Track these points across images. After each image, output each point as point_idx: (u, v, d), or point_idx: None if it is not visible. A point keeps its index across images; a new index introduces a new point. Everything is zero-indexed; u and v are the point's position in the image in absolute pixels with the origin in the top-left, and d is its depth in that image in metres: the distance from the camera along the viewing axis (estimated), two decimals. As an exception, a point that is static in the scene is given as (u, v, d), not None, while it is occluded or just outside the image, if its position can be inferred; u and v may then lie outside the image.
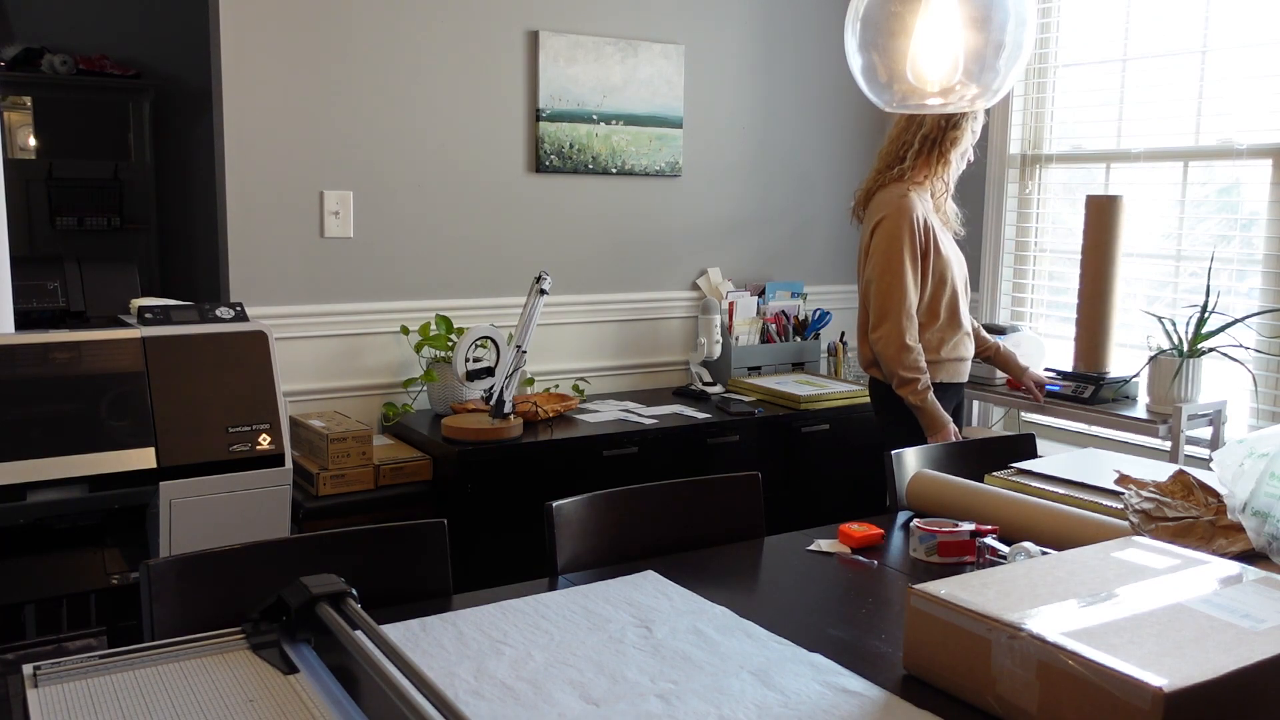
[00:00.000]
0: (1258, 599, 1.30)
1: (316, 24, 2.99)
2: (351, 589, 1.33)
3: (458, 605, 1.55)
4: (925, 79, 1.73)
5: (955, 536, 1.80)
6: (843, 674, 1.34)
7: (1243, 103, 3.03)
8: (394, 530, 1.67)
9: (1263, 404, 2.99)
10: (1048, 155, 3.57)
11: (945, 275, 2.75)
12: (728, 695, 1.27)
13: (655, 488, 1.98)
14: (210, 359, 2.26)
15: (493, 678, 1.31)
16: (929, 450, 2.29)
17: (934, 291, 2.75)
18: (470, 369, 2.80)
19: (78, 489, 2.10)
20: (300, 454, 2.82)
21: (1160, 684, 1.07)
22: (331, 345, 3.11)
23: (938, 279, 2.75)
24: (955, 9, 1.68)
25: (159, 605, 1.47)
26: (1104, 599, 1.30)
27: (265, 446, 2.28)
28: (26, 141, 4.89)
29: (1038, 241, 3.63)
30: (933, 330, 2.76)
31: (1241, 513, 1.66)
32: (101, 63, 4.94)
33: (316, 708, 1.17)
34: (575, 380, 3.51)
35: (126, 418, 2.15)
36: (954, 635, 1.28)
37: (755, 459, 3.14)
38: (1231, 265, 3.08)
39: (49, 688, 1.21)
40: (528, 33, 3.32)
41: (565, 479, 2.84)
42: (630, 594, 1.60)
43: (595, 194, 3.52)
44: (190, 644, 1.33)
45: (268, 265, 2.99)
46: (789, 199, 3.93)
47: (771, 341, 3.73)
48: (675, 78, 3.59)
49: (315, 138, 3.02)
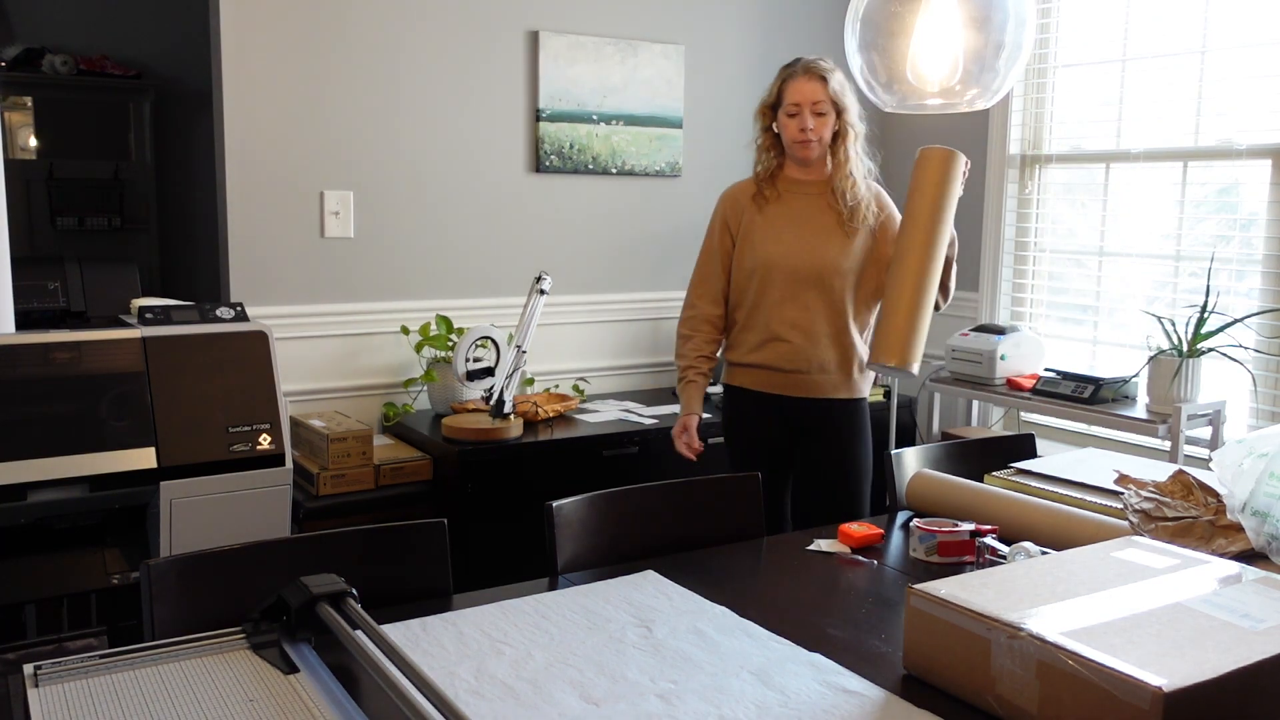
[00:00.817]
0: (1257, 599, 1.30)
1: (316, 24, 2.99)
2: (351, 589, 1.33)
3: (458, 605, 1.55)
4: (925, 79, 1.73)
5: (955, 536, 1.80)
6: (843, 674, 1.34)
7: (1242, 103, 3.03)
8: (394, 530, 1.67)
9: (1262, 404, 2.99)
10: (1047, 155, 3.57)
11: (753, 271, 2.50)
12: (728, 695, 1.27)
13: (655, 488, 1.98)
14: (210, 359, 2.26)
15: (493, 678, 1.31)
16: (929, 450, 2.30)
17: (739, 285, 2.55)
18: (470, 369, 2.80)
19: (78, 489, 2.10)
20: (300, 454, 2.82)
21: (1160, 684, 1.07)
22: (332, 345, 3.11)
23: (743, 273, 2.53)
24: (955, 9, 1.68)
25: (159, 605, 1.47)
26: (1104, 599, 1.30)
27: (265, 446, 2.28)
28: (27, 141, 4.89)
29: (1038, 241, 3.63)
30: (735, 331, 2.59)
31: (1241, 513, 1.66)
32: (102, 63, 4.94)
33: (316, 707, 1.17)
34: (575, 380, 3.51)
35: (127, 418, 2.15)
36: (954, 635, 1.28)
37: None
38: (1231, 265, 3.08)
39: (49, 687, 1.21)
40: (528, 33, 3.32)
41: (565, 479, 2.84)
42: (630, 594, 1.60)
43: (595, 194, 3.52)
44: (190, 644, 1.33)
45: (268, 265, 2.99)
46: (789, 199, 3.93)
47: (771, 341, 3.72)
48: (675, 78, 3.59)
49: (315, 138, 3.02)
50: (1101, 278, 3.43)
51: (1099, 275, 3.44)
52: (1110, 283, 3.41)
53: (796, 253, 2.48)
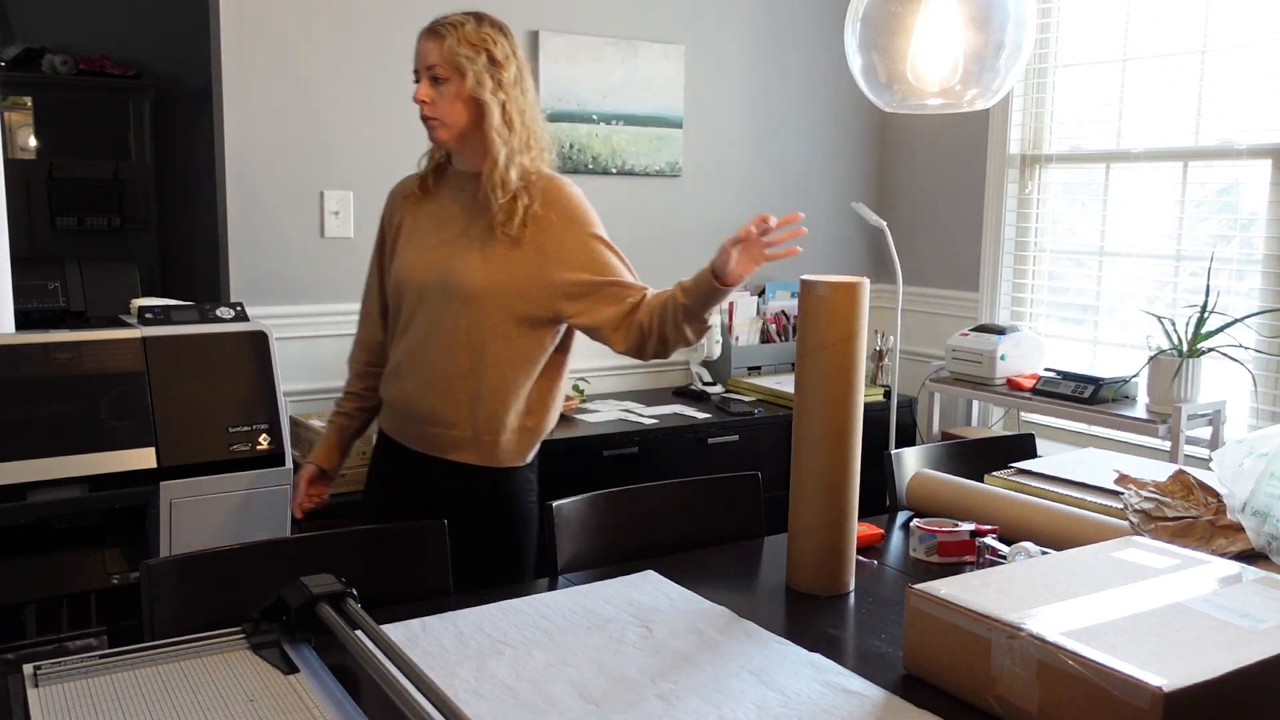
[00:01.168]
0: (1257, 599, 1.30)
1: (316, 24, 2.99)
2: (351, 589, 1.33)
3: (458, 605, 1.55)
4: (925, 79, 1.73)
5: (955, 536, 1.80)
6: (843, 674, 1.34)
7: (1242, 103, 3.03)
8: (394, 530, 1.67)
9: (1262, 404, 2.99)
10: (1048, 155, 3.57)
11: (394, 282, 2.01)
12: (728, 695, 1.27)
13: (655, 488, 1.98)
14: (210, 359, 2.26)
15: (493, 677, 1.31)
16: (929, 450, 2.30)
17: (393, 303, 2.04)
18: (470, 369, 2.80)
19: (78, 489, 2.10)
20: (300, 454, 2.82)
21: (1160, 684, 1.07)
22: (331, 345, 3.10)
23: (389, 285, 2.05)
24: (955, 9, 1.68)
25: (159, 605, 1.47)
26: (1104, 599, 1.30)
27: (265, 446, 2.28)
28: (27, 141, 4.89)
29: (1037, 241, 3.63)
30: None
31: (1241, 512, 1.66)
32: (101, 63, 4.94)
33: (316, 708, 1.17)
34: (575, 380, 3.51)
35: (127, 418, 2.15)
36: (954, 635, 1.28)
37: (755, 459, 3.14)
38: (1231, 265, 3.08)
39: (49, 687, 1.21)
40: (528, 33, 3.32)
41: (565, 479, 2.83)
42: (630, 594, 1.60)
43: (595, 194, 3.49)
44: (190, 644, 1.33)
45: (268, 265, 2.99)
46: (789, 199, 3.93)
47: (771, 341, 3.73)
48: (675, 78, 3.59)
49: (315, 138, 3.02)
50: (1101, 278, 3.43)
51: (1099, 275, 3.44)
52: (1110, 283, 3.41)
53: (426, 263, 1.94)
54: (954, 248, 3.84)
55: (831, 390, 1.59)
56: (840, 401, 1.60)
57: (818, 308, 1.59)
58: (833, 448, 1.60)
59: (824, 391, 1.60)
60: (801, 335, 1.63)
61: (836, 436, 1.60)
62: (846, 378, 1.59)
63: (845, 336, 1.58)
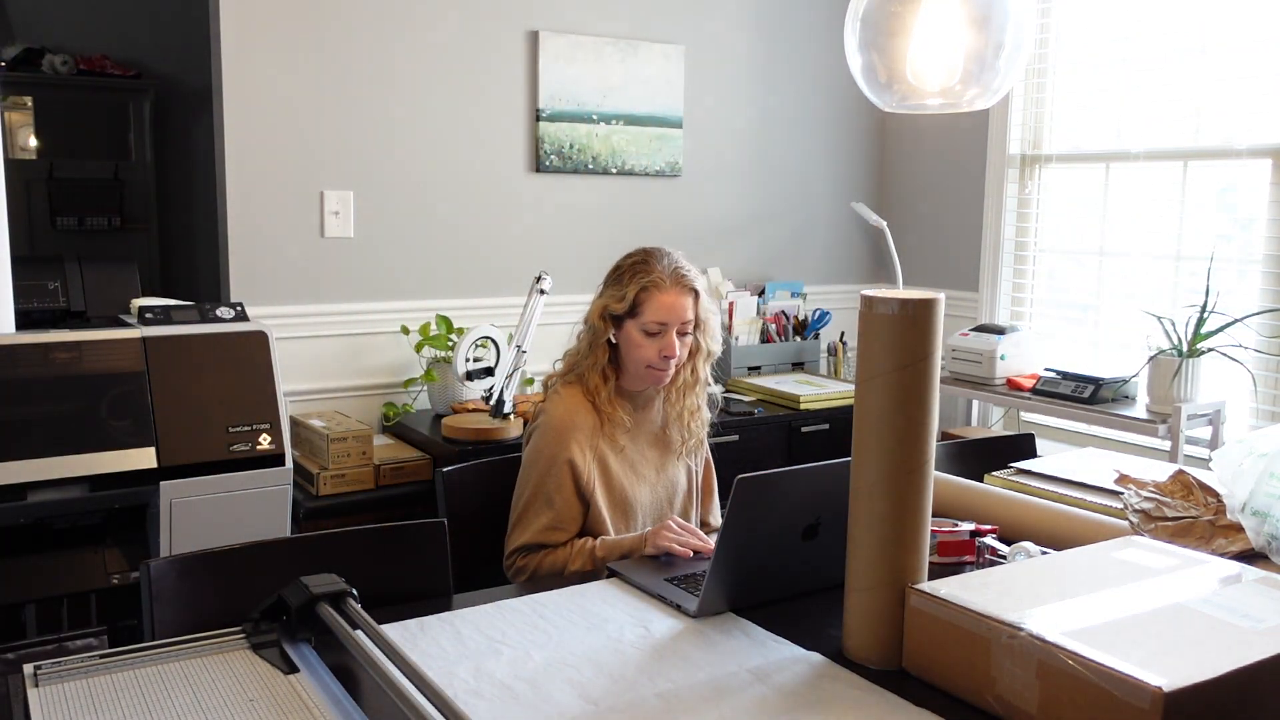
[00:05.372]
0: (1257, 599, 1.30)
1: (317, 24, 2.99)
2: (351, 589, 1.33)
3: (457, 605, 1.55)
4: (925, 79, 1.73)
5: (955, 536, 1.80)
6: (842, 674, 1.34)
7: (1242, 103, 3.03)
8: (394, 530, 1.67)
9: (1262, 404, 2.99)
10: (1047, 155, 3.57)
11: None
12: (727, 695, 1.27)
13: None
14: (210, 359, 2.26)
15: (492, 678, 1.31)
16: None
17: None
18: (470, 369, 2.80)
19: (78, 489, 2.10)
20: (300, 454, 2.82)
21: (1160, 684, 1.07)
22: (331, 345, 3.11)
23: None
24: (955, 9, 1.68)
25: (159, 605, 1.47)
26: (1104, 599, 1.30)
27: (265, 446, 2.28)
28: (27, 141, 4.89)
29: (1037, 241, 3.63)
30: None
31: (1241, 512, 1.66)
32: (102, 63, 4.94)
33: (316, 707, 1.17)
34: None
35: (127, 418, 2.15)
36: (954, 635, 1.28)
37: (755, 459, 3.13)
38: (1231, 265, 3.08)
39: (49, 687, 1.21)
40: (528, 33, 3.32)
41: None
42: (629, 594, 1.60)
43: (595, 194, 3.52)
44: (190, 644, 1.33)
45: (268, 265, 2.99)
46: (789, 199, 3.93)
47: (771, 341, 3.73)
48: (675, 78, 3.59)
49: (315, 138, 3.02)
50: (1101, 278, 3.43)
51: (1099, 275, 3.44)
52: (1110, 283, 3.41)
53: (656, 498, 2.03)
54: (954, 247, 3.84)
55: (898, 422, 1.35)
56: (909, 436, 1.36)
57: (883, 327, 1.38)
58: (899, 493, 1.36)
59: (888, 424, 1.36)
60: (862, 359, 1.40)
61: (907, 478, 1.36)
62: (918, 408, 1.36)
63: (919, 357, 1.37)
